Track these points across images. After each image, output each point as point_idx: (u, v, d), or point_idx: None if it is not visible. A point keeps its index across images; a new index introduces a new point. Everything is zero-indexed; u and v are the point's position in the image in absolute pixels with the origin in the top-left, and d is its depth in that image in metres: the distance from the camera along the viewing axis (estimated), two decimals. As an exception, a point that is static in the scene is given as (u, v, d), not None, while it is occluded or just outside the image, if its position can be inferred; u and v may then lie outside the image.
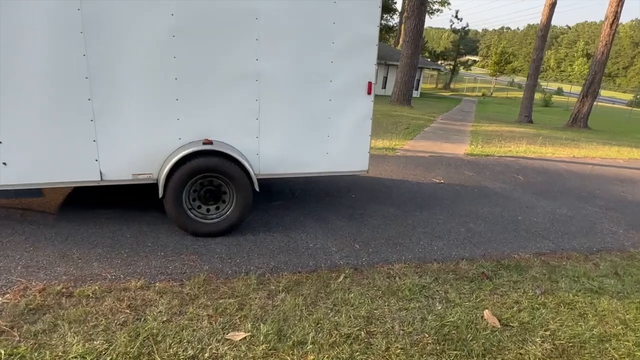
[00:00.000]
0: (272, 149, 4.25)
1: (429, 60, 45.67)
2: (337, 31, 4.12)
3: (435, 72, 52.13)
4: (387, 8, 40.18)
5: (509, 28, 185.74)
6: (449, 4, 47.67)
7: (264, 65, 4.00)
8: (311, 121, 4.30)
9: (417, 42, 19.77)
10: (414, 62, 19.96)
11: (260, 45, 3.94)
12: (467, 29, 53.28)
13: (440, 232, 4.70)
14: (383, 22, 42.79)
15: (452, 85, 52.96)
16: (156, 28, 3.63)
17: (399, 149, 9.12)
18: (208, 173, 3.93)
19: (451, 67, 54.12)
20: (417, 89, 33.69)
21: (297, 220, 4.64)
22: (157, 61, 3.71)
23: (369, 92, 4.36)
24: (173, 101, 3.86)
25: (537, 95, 30.83)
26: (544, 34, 20.79)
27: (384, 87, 30.93)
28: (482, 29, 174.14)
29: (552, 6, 20.20)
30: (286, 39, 4.01)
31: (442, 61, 54.11)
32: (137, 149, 3.83)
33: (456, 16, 54.39)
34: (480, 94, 49.84)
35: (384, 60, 28.75)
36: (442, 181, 6.80)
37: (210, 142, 3.89)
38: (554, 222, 5.37)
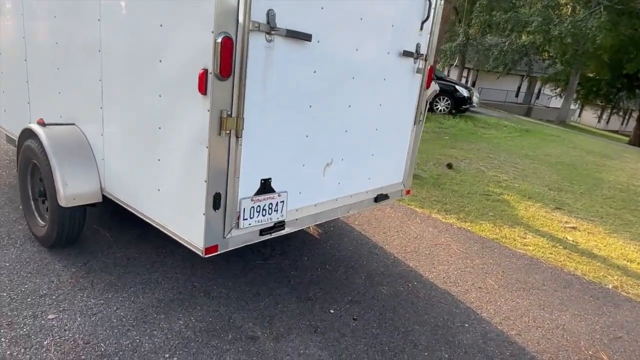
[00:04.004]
0: (116, 159, 2.82)
1: None
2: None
3: None
4: None
5: None
6: None
7: (106, 30, 2.66)
8: (143, 128, 2.53)
9: None
10: None
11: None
12: None
13: None
14: None
15: None
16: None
17: None
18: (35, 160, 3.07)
19: None
20: None
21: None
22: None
23: (202, 90, 2.07)
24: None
25: None
26: None
27: None
28: None
29: None
30: (123, -12, 2.49)
31: None
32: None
33: None
34: None
35: None
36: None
37: (42, 123, 3.02)
38: None
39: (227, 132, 2.14)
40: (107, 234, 3.47)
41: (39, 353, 2.22)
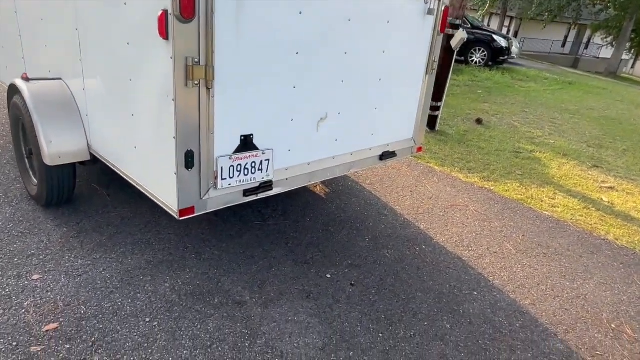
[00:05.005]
0: (98, 115, 2.67)
1: None
2: None
3: None
4: None
5: None
6: None
7: (76, -28, 2.43)
8: (116, 80, 2.34)
9: None
10: None
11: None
12: None
13: None
14: None
15: None
16: None
17: None
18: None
19: None
20: None
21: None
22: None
23: (163, 34, 1.84)
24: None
25: None
26: None
27: None
28: None
29: None
30: None
31: None
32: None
33: None
34: None
35: None
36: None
37: (26, 78, 2.88)
38: None
39: (196, 82, 1.91)
40: (104, 192, 3.40)
41: (17, 314, 2.17)
